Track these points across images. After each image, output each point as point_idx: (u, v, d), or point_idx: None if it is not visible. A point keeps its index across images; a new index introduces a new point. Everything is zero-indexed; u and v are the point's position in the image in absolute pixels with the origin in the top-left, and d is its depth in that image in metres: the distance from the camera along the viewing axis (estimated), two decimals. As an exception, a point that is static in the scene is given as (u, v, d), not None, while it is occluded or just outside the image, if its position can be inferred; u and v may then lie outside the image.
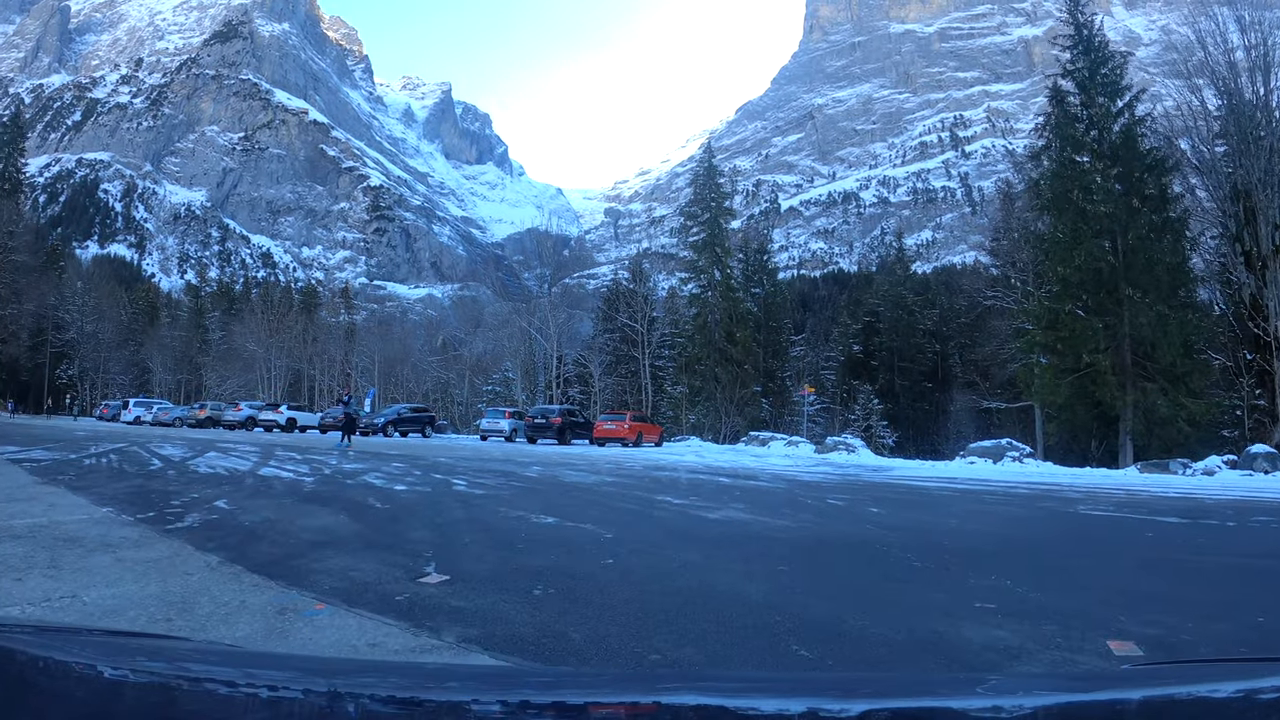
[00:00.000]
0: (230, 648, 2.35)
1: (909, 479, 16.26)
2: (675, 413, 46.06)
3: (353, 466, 15.28)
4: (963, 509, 11.24)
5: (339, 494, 10.38)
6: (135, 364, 78.98)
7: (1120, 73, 38.83)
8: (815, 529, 8.48)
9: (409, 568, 5.56)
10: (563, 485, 12.45)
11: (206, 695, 1.19)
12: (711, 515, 9.02)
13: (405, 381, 65.71)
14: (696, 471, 16.36)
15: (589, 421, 36.49)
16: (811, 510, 10.15)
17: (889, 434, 58.56)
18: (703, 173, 52.20)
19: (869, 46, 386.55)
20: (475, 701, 1.18)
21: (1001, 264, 48.51)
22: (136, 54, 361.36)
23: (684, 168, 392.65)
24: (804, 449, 25.56)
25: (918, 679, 2.55)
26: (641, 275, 53.94)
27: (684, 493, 11.68)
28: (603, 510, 9.17)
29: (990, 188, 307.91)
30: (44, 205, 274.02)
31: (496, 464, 17.41)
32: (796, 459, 21.61)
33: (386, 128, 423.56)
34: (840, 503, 11.25)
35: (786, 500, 11.24)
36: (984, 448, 20.38)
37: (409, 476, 13.19)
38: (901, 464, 20.79)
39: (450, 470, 14.81)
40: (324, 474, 13.50)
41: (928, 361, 62.39)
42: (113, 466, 14.27)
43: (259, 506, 9.11)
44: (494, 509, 9.01)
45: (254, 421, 43.68)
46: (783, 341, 57.35)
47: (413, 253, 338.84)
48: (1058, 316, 37.87)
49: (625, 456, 22.74)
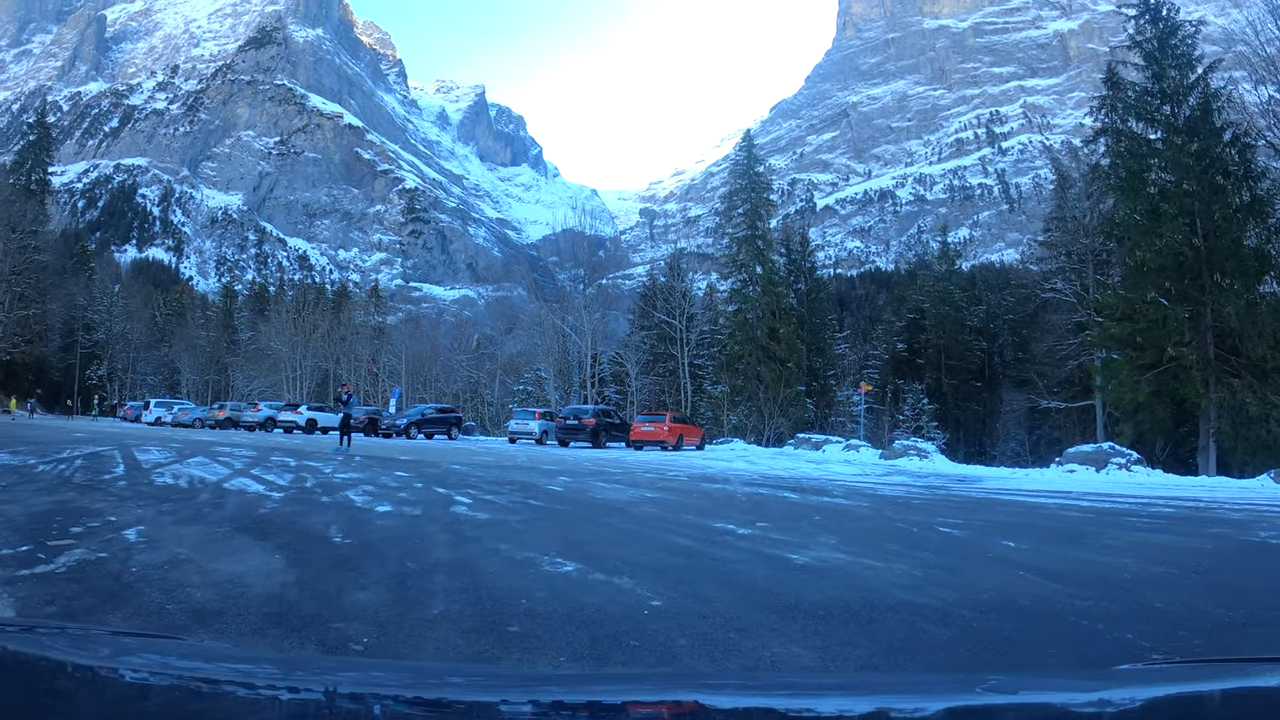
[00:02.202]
0: (232, 648, 2.43)
1: (1012, 494, 13.46)
2: (716, 413, 43.32)
3: (345, 476, 12.87)
4: (1119, 541, 8.50)
5: (298, 519, 7.92)
6: (165, 365, 78.39)
7: (1192, 43, 35.77)
8: (951, 582, 5.83)
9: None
10: (592, 505, 9.86)
11: (209, 695, 1.19)
12: (797, 558, 6.39)
13: (435, 381, 63.86)
14: (753, 483, 13.71)
15: (625, 423, 33.93)
16: (926, 546, 7.49)
17: (939, 435, 55.51)
18: (742, 163, 49.51)
19: (903, 43, 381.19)
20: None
21: (1055, 255, 44.91)
22: (172, 61, 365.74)
23: (719, 167, 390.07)
24: (866, 454, 22.73)
25: (918, 679, 2.52)
26: (679, 271, 51.25)
27: (746, 515, 9.06)
28: (644, 548, 6.58)
29: (1028, 184, 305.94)
30: (83, 210, 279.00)
31: (518, 473, 14.92)
32: (863, 466, 18.87)
33: (421, 131, 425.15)
34: (956, 532, 8.55)
35: (884, 529, 8.59)
36: (1084, 453, 17.52)
37: (404, 492, 10.69)
38: (988, 473, 18.01)
39: (460, 482, 12.31)
40: (303, 487, 11.07)
41: (975, 360, 59.32)
42: (60, 475, 11.97)
43: (178, 538, 6.68)
44: (494, 546, 6.46)
45: (273, 422, 41.73)
46: (826, 339, 54.40)
47: (448, 254, 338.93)
48: (1135, 306, 34.76)
49: (666, 462, 20.13)
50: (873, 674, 3.54)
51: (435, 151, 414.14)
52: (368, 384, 65.84)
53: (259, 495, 9.85)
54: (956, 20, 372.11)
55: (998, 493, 13.51)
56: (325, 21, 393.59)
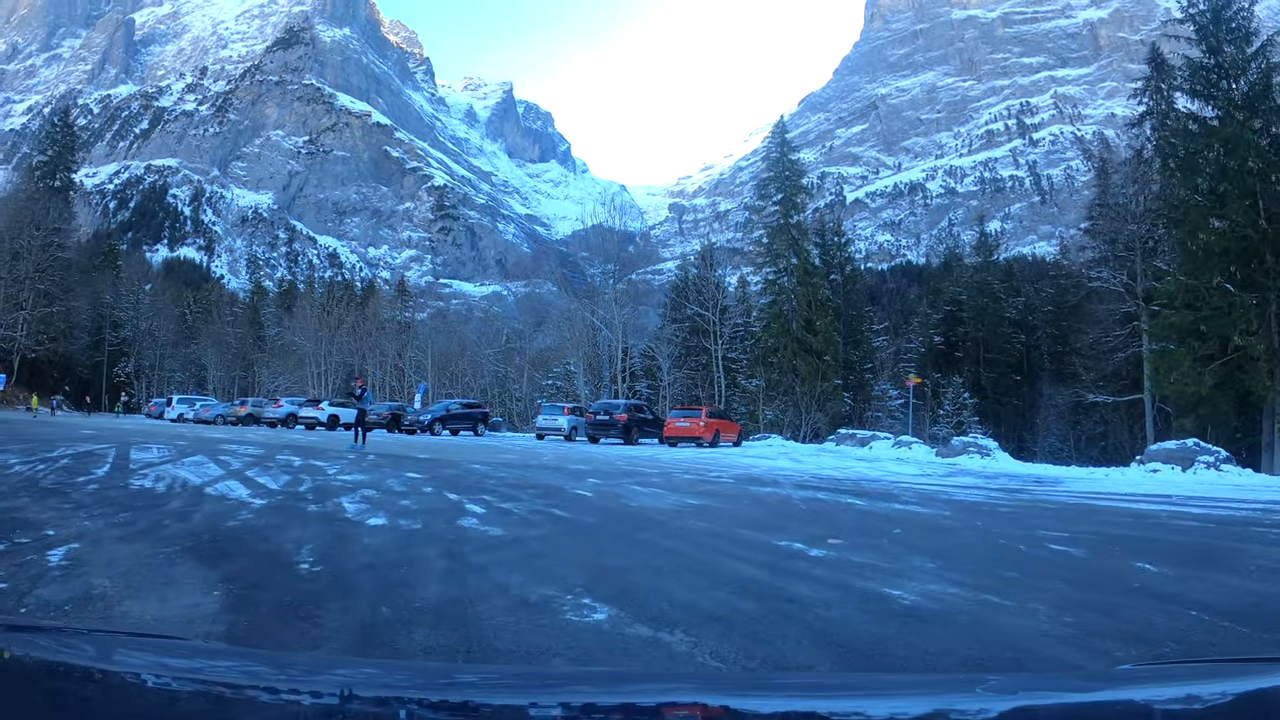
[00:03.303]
0: (234, 648, 2.32)
1: (1106, 498, 11.74)
2: (751, 408, 41.63)
3: (349, 479, 11.49)
4: (1269, 560, 6.90)
5: (270, 535, 6.50)
6: (192, 362, 78.31)
7: (1247, 16, 33.81)
8: (1116, 630, 4.25)
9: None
10: (627, 516, 8.33)
11: (210, 695, 1.18)
12: (899, 594, 4.83)
13: (462, 376, 62.87)
14: (806, 485, 12.12)
15: (658, 418, 32.24)
16: (1050, 573, 5.91)
17: (979, 430, 53.57)
18: (775, 149, 47.82)
19: (931, 34, 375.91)
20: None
21: (1099, 243, 43.07)
22: (201, 63, 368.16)
23: (748, 161, 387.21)
24: (920, 451, 20.94)
25: (919, 679, 2.49)
26: (712, 262, 49.57)
27: (812, 529, 7.52)
28: (696, 581, 5.06)
29: (1059, 176, 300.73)
30: (114, 211, 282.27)
31: (543, 474, 13.46)
32: (920, 465, 17.18)
33: (449, 128, 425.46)
34: (1073, 550, 6.93)
35: (985, 547, 7.00)
36: (1167, 451, 15.74)
37: (408, 498, 9.23)
38: (1063, 472, 16.27)
39: (476, 486, 10.86)
40: (295, 492, 9.67)
41: (1015, 353, 57.31)
42: (30, 478, 10.65)
43: (110, 562, 5.29)
44: (503, 578, 4.97)
45: (294, 419, 40.64)
46: (863, 331, 52.45)
47: (478, 251, 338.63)
48: (1197, 294, 32.73)
49: (705, 461, 18.55)
50: (866, 674, 3.47)
51: (464, 149, 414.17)
52: (393, 379, 64.98)
53: (239, 503, 8.45)
54: (985, 10, 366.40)
55: (1088, 497, 11.83)
56: (352, 21, 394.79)
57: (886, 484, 12.71)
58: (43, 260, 57.39)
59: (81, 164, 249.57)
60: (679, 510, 8.67)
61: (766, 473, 14.69)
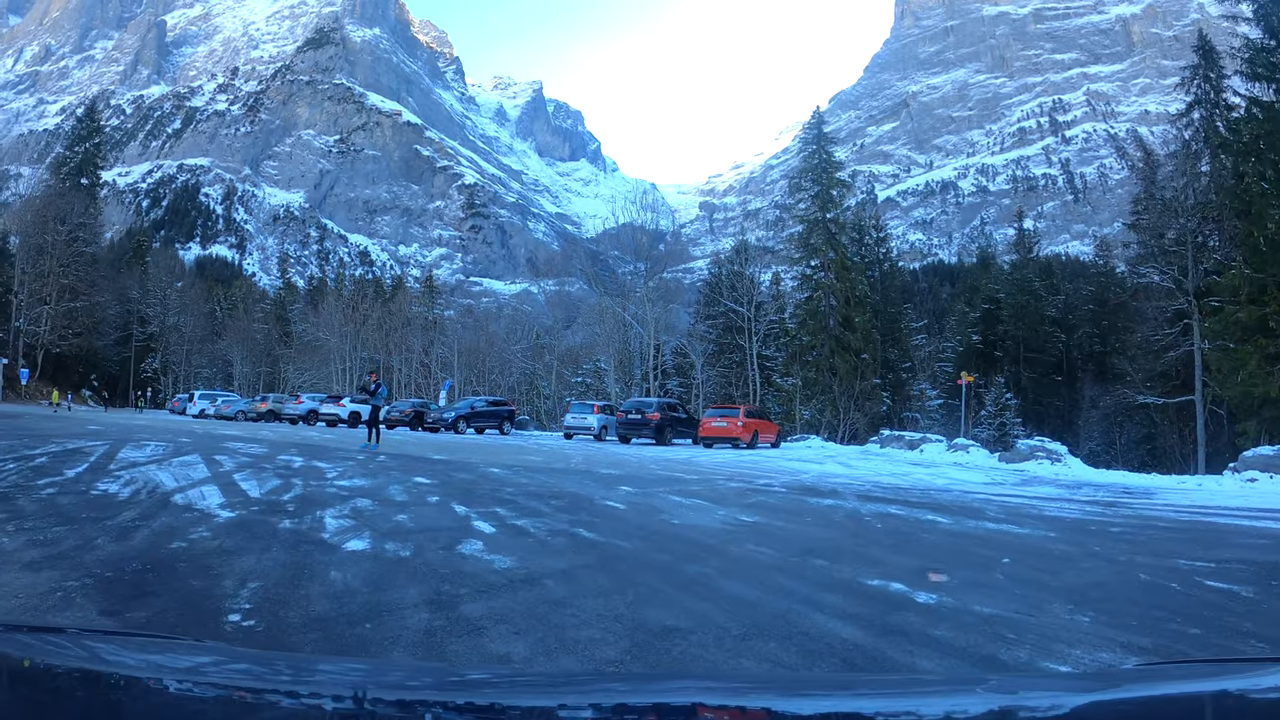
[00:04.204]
0: (235, 648, 2.24)
1: (1217, 512, 10.05)
2: (786, 408, 39.92)
3: (347, 484, 10.10)
4: None
5: (214, 565, 5.05)
6: (219, 358, 78.06)
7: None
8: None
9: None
10: (669, 538, 6.78)
11: (212, 695, 1.17)
12: (1071, 672, 3.35)
13: (490, 374, 61.80)
14: (869, 496, 10.52)
15: (692, 417, 30.70)
16: (1237, 625, 4.36)
17: (1022, 432, 51.53)
18: (812, 141, 46.02)
19: (962, 30, 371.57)
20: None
21: (1145, 239, 41.32)
22: (232, 63, 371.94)
23: (778, 160, 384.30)
24: (978, 455, 19.12)
25: (919, 679, 2.48)
26: (747, 256, 47.84)
27: (903, 559, 5.97)
28: (778, 651, 3.55)
29: (1093, 174, 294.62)
30: (148, 210, 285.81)
31: (569, 480, 11.95)
32: (987, 472, 15.42)
33: (479, 127, 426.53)
34: (1234, 586, 5.28)
35: (1131, 585, 5.38)
36: (1265, 458, 13.98)
37: (406, 512, 7.77)
38: (1150, 481, 14.50)
39: (491, 495, 9.40)
40: (275, 501, 8.27)
41: (1055, 352, 55.16)
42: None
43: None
44: (501, 644, 3.50)
45: (315, 415, 39.56)
46: (901, 329, 50.46)
47: (508, 249, 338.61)
48: (1264, 288, 30.76)
49: (747, 465, 16.96)
50: (869, 674, 3.35)
51: (494, 147, 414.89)
52: (420, 376, 64.03)
53: (201, 516, 7.06)
54: (1016, 6, 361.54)
55: (1198, 512, 10.13)
56: (382, 21, 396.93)
57: (959, 495, 11.12)
58: (67, 255, 56.95)
59: (115, 163, 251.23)
60: (732, 530, 7.15)
61: (819, 480, 13.08)
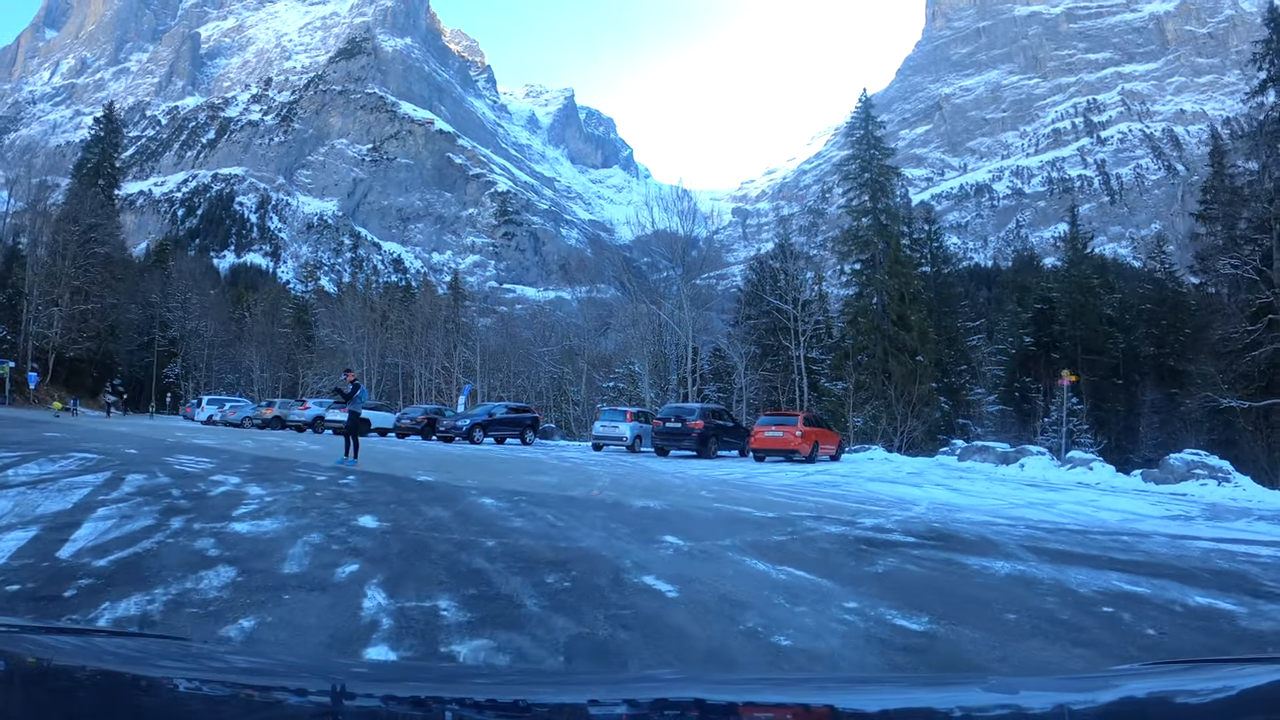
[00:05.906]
0: (236, 649, 2.28)
1: None
2: (836, 414, 36.34)
3: (240, 530, 6.79)
4: None
5: None
6: (241, 363, 76.50)
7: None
8: None
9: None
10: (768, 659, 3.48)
11: (212, 695, 1.18)
12: None
13: (516, 378, 58.96)
14: (1048, 551, 6.92)
15: (740, 426, 26.99)
16: None
17: (1087, 440, 47.53)
18: (859, 126, 42.64)
19: (994, 31, 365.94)
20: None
21: (1215, 230, 39.08)
22: (265, 74, 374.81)
23: (811, 165, 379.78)
24: (1104, 472, 15.34)
25: (919, 679, 2.46)
26: (790, 253, 44.42)
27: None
28: None
29: (1129, 175, 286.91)
30: (183, 219, 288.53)
31: (585, 522, 8.29)
32: (1145, 497, 11.88)
33: (511, 135, 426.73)
34: None
35: None
36: None
37: (274, 604, 4.59)
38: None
39: (449, 561, 5.91)
40: (82, 565, 5.14)
41: (1114, 354, 51.31)
42: None
43: None
44: None
45: (322, 421, 36.63)
46: (958, 329, 46.70)
47: (541, 256, 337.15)
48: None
49: (826, 490, 13.48)
50: (869, 673, 3.33)
51: (526, 155, 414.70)
52: (441, 380, 61.39)
53: None
54: (1048, 6, 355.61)
55: None
56: (413, 31, 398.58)
57: (1165, 541, 7.69)
58: (80, 256, 54.97)
59: (150, 173, 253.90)
60: (892, 658, 3.79)
61: (941, 516, 9.61)
